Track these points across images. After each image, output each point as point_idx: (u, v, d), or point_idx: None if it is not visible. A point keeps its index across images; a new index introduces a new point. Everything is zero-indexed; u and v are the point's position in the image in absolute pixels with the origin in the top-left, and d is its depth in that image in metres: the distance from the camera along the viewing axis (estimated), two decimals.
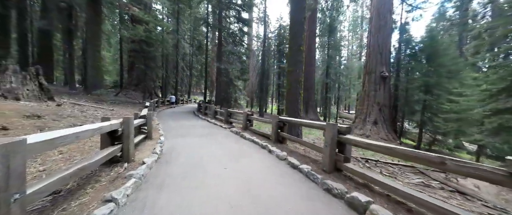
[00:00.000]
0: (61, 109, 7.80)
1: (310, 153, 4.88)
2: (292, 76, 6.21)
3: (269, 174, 3.25)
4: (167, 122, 9.75)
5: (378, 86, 12.45)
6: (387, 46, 12.67)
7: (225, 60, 15.32)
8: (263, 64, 22.45)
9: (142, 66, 13.86)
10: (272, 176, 3.18)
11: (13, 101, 7.40)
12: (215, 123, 9.72)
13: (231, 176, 3.13)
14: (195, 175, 3.17)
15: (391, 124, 12.51)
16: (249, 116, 7.47)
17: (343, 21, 40.60)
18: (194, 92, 40.62)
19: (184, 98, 27.77)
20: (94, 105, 10.15)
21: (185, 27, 26.42)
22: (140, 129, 5.42)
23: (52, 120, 5.40)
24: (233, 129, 7.70)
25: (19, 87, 7.80)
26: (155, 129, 7.31)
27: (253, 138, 5.92)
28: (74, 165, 2.20)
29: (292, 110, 6.21)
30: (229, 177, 3.09)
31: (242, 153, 4.58)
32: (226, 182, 2.89)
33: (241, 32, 15.60)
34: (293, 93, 6.18)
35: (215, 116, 11.44)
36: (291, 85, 6.28)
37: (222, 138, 6.36)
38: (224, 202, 2.32)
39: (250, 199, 2.41)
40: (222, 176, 3.14)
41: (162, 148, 4.68)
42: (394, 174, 4.34)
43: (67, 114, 6.66)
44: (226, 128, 8.25)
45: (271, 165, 3.72)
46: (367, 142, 2.68)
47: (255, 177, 3.13)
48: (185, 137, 6.31)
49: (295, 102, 6.21)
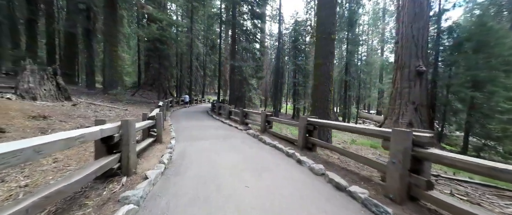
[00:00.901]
0: (74, 109, 7.63)
1: (349, 163, 3.90)
2: (320, 70, 5.24)
3: (307, 199, 2.38)
4: (180, 123, 9.28)
5: (413, 83, 10.88)
6: (424, 37, 11.02)
7: (239, 58, 14.64)
8: (277, 61, 21.46)
9: (156, 65, 13.70)
10: (312, 203, 2.30)
11: (30, 101, 7.35)
12: (229, 124, 9.03)
13: (255, 201, 2.31)
14: (209, 197, 2.40)
15: (429, 127, 10.87)
16: (268, 117, 6.63)
17: (363, 14, 37.97)
18: (207, 92, 40.78)
19: (198, 97, 27.75)
20: (109, 105, 10.01)
21: (199, 26, 26.32)
22: (149, 132, 4.85)
23: (59, 121, 5.05)
24: (250, 131, 6.92)
25: (37, 87, 7.77)
26: (167, 130, 6.79)
27: (275, 143, 5.07)
28: (38, 192, 1.53)
29: (321, 110, 5.25)
30: (253, 203, 2.27)
31: (265, 162, 3.75)
32: (249, 213, 2.08)
33: (255, 27, 14.79)
34: (322, 90, 5.22)
35: (229, 117, 10.77)
36: (319, 80, 5.32)
37: (239, 142, 5.60)
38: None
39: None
40: (244, 199, 2.34)
41: (172, 155, 4.02)
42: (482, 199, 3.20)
43: (78, 114, 6.37)
44: (242, 130, 7.50)
45: (306, 183, 2.84)
46: (476, 162, 1.69)
47: (289, 202, 2.28)
48: (198, 140, 5.66)
49: (324, 100, 5.24)
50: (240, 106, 14.92)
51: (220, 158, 3.96)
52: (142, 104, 12.39)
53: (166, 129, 6.97)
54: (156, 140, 4.87)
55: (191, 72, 22.21)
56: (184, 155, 4.11)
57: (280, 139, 5.63)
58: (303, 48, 21.74)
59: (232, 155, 4.21)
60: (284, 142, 5.32)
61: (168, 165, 3.48)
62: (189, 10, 19.17)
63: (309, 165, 3.43)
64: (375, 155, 6.60)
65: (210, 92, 44.17)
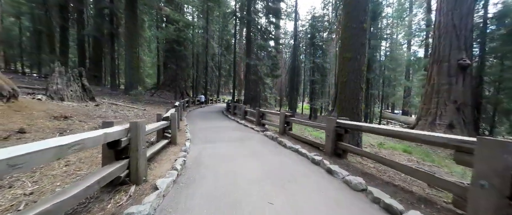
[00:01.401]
0: (96, 109, 7.86)
1: (387, 172, 3.24)
2: (350, 64, 4.59)
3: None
4: (196, 123, 9.16)
5: (454, 79, 9.49)
6: (467, 25, 9.55)
7: (254, 58, 14.25)
8: (293, 59, 20.69)
9: (174, 66, 13.92)
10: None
11: (58, 102, 7.73)
12: (245, 125, 8.67)
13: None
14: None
15: (474, 129, 9.40)
16: (287, 118, 6.10)
17: (387, 6, 35.19)
18: (222, 92, 41.26)
19: (213, 97, 28.06)
20: (129, 105, 10.27)
21: (214, 27, 26.53)
22: (164, 133, 4.64)
23: (79, 121, 5.09)
24: (267, 133, 6.46)
25: (64, 88, 8.17)
26: (182, 131, 6.63)
27: (297, 147, 4.54)
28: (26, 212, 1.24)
29: (349, 111, 4.60)
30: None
31: (288, 171, 3.26)
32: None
33: (270, 24, 14.25)
34: (351, 87, 4.57)
35: (245, 117, 10.42)
36: (348, 77, 4.66)
37: (257, 145, 5.18)
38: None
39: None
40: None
41: (186, 159, 3.72)
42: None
43: (99, 115, 6.47)
44: (259, 132, 7.07)
45: (343, 202, 2.30)
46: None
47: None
48: (213, 142, 5.36)
49: (354, 99, 4.58)
50: (255, 105, 14.55)
51: (238, 165, 3.55)
52: (160, 104, 12.64)
53: (181, 130, 6.81)
54: (170, 142, 4.65)
55: (206, 72, 22.43)
56: (199, 161, 3.78)
57: (303, 143, 5.08)
58: (321, 44, 20.64)
59: (250, 161, 3.78)
60: (308, 146, 4.77)
61: (181, 171, 3.16)
62: (205, 11, 19.33)
63: (343, 177, 2.86)
64: (412, 163, 5.71)
65: (225, 92, 44.63)
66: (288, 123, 6.18)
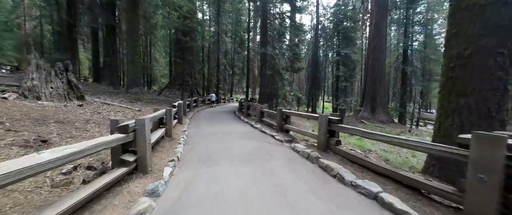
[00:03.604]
0: (74, 110, 6.29)
1: None
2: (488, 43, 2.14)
3: None
4: (200, 126, 7.24)
5: None
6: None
7: (270, 50, 12.00)
8: (315, 51, 18.03)
9: (179, 60, 12.25)
10: None
11: (33, 101, 6.30)
12: (262, 130, 6.52)
13: None
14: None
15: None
16: (333, 125, 3.79)
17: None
18: (235, 91, 39.62)
19: (226, 96, 26.35)
20: (124, 105, 8.71)
21: (227, 21, 24.71)
22: (124, 153, 2.66)
23: (13, 130, 3.34)
24: (297, 146, 4.24)
25: (42, 84, 6.74)
26: (174, 141, 4.69)
27: (371, 188, 2.28)
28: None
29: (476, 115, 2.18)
30: None
31: None
32: None
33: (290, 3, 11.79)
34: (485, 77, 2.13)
35: (261, 119, 8.26)
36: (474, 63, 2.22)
37: (285, 171, 3.01)
38: None
39: None
40: None
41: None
42: None
43: (64, 118, 4.78)
44: (282, 142, 4.87)
45: None
46: None
47: None
48: (215, 162, 3.31)
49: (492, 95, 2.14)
50: (272, 105, 12.36)
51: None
52: (162, 104, 11.05)
53: (173, 139, 4.88)
54: (136, 168, 2.66)
55: (218, 69, 20.70)
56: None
57: (375, 174, 2.76)
58: (349, 31, 17.63)
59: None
60: (391, 182, 2.47)
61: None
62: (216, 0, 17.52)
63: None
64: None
65: (238, 91, 42.98)
66: (333, 133, 3.87)
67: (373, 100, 20.06)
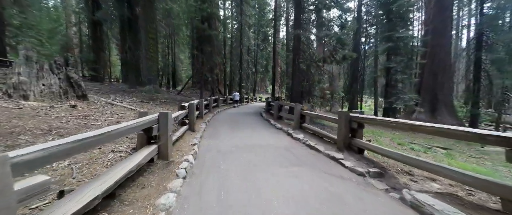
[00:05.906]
0: (57, 113, 4.84)
1: None
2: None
3: None
4: (218, 135, 5.21)
5: None
6: None
7: (305, 45, 9.37)
8: (357, 39, 14.68)
9: (197, 52, 10.63)
10: None
11: (18, 100, 5.09)
12: (309, 145, 4.14)
13: None
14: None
15: None
16: None
17: None
18: (258, 90, 37.56)
19: (249, 96, 24.40)
20: (132, 107, 7.26)
21: (250, 12, 22.72)
22: None
23: None
24: (406, 198, 1.77)
25: (31, 81, 5.53)
26: (175, 163, 2.68)
27: None
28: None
29: None
30: None
31: None
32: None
33: None
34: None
35: (300, 126, 5.86)
36: None
37: None
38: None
39: None
40: None
41: None
42: None
43: (13, 126, 3.19)
44: (366, 178, 2.43)
45: None
46: None
47: None
48: None
49: None
50: (307, 104, 9.80)
51: None
52: (176, 104, 9.52)
53: (170, 166, 2.86)
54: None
55: (241, 65, 18.84)
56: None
57: None
58: (405, 11, 13.79)
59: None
60: None
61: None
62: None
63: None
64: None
65: (261, 90, 40.85)
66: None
67: (433, 98, 15.74)
